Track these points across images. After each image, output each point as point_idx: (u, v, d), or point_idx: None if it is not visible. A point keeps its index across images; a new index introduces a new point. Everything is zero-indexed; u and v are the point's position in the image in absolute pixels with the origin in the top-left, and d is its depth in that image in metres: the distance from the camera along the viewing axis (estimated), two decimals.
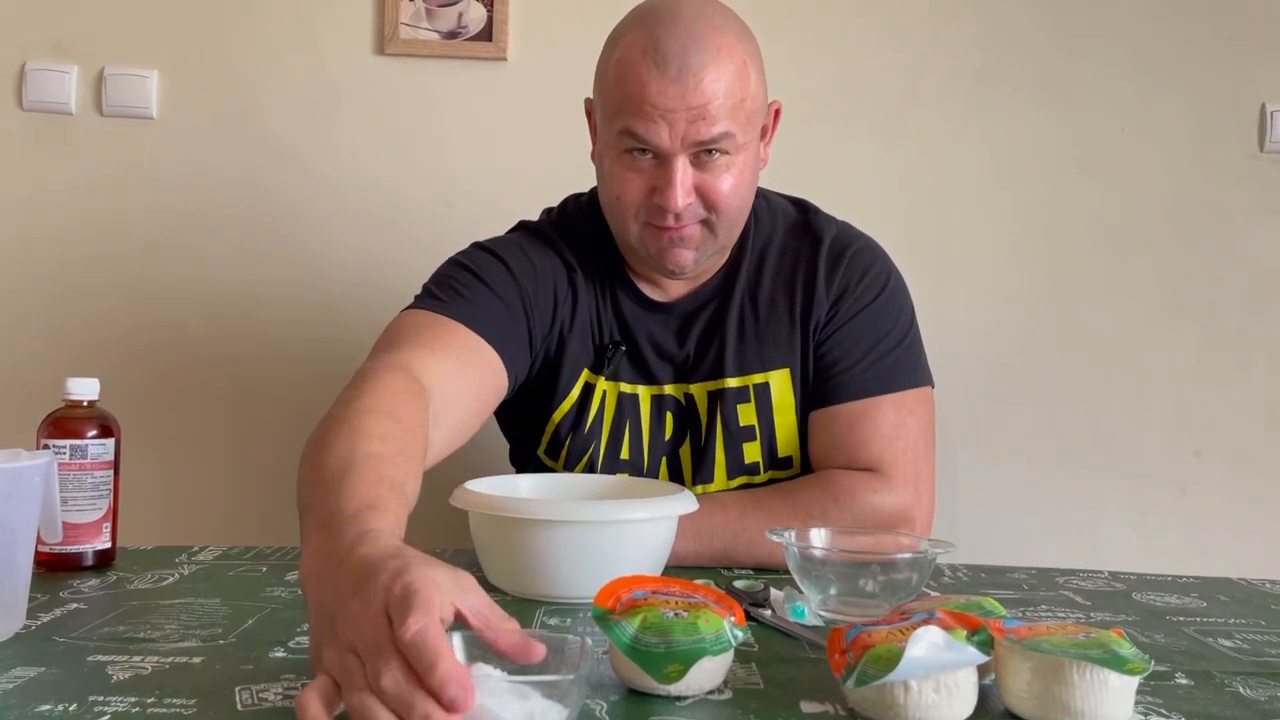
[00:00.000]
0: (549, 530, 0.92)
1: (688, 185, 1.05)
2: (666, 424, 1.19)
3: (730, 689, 0.71)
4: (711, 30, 1.04)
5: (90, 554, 1.02)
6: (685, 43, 1.02)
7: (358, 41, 1.73)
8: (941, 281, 1.73)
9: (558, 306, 1.16)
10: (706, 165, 1.06)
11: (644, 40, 1.04)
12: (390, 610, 0.56)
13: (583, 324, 1.17)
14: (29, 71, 1.71)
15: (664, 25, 1.04)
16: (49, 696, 0.66)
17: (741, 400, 1.16)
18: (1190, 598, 1.05)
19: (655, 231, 1.09)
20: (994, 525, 1.73)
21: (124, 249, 1.73)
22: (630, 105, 1.04)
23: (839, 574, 0.91)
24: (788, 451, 1.18)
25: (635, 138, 1.04)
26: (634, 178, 1.07)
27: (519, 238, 1.20)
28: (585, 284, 1.18)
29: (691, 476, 1.18)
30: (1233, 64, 1.76)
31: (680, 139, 1.03)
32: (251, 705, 0.65)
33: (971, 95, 1.76)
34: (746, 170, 1.09)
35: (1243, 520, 1.75)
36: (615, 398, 1.18)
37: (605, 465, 1.17)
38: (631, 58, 1.04)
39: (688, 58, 1.01)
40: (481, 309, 1.08)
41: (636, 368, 1.18)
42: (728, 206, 1.08)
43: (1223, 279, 1.77)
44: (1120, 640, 0.66)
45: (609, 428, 1.17)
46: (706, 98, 1.02)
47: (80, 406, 1.04)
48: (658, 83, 1.02)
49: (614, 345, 1.16)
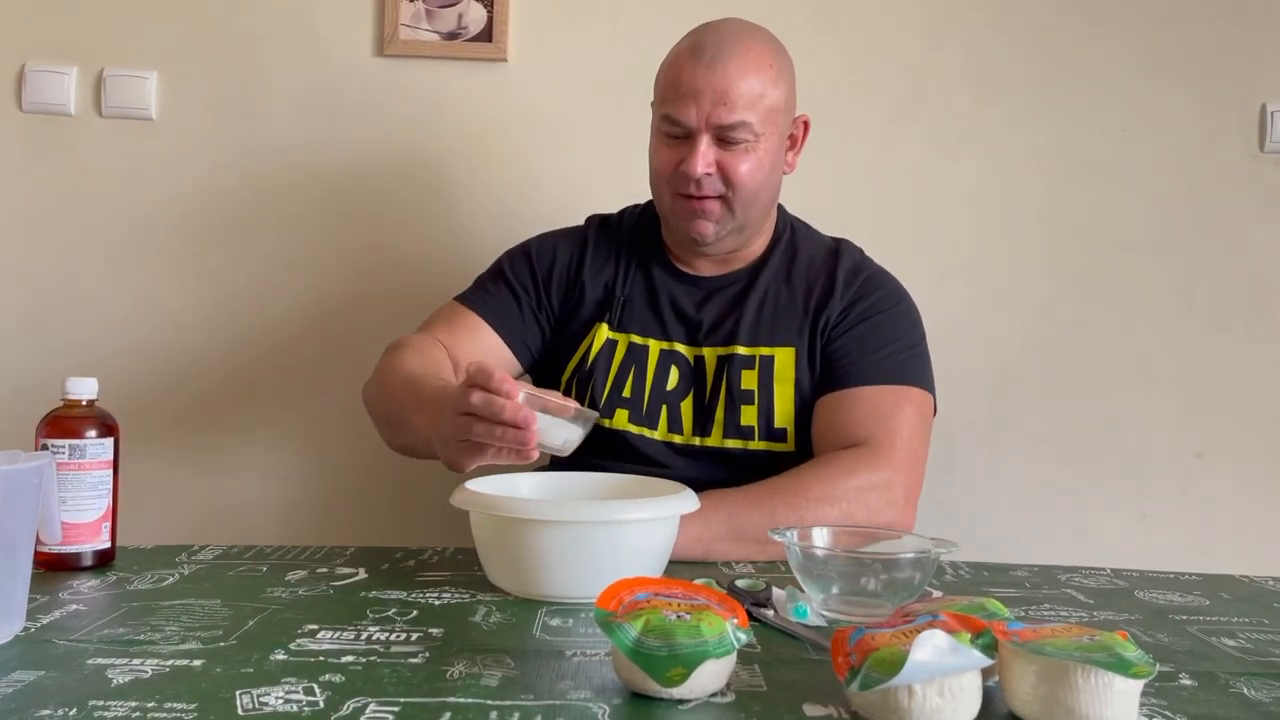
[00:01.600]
0: (550, 530, 0.92)
1: (709, 159, 1.23)
2: (671, 375, 1.31)
3: (733, 691, 0.70)
4: (748, 39, 1.25)
5: (89, 554, 1.02)
6: (722, 40, 1.23)
7: (358, 42, 1.73)
8: (943, 283, 1.73)
9: (571, 283, 1.36)
10: (727, 148, 1.24)
11: (691, 41, 1.26)
12: (474, 379, 0.94)
13: (602, 288, 1.35)
14: (28, 73, 1.71)
15: (710, 31, 1.26)
16: (49, 701, 0.66)
17: (747, 367, 1.29)
18: (1193, 596, 1.05)
19: (683, 201, 1.26)
20: (996, 526, 1.73)
21: (123, 249, 1.73)
22: (669, 91, 1.24)
23: (841, 573, 0.91)
24: (783, 423, 1.28)
25: (670, 120, 1.24)
26: (668, 153, 1.26)
27: (563, 229, 1.43)
28: (611, 255, 1.37)
29: (691, 428, 1.29)
30: (1233, 64, 1.76)
31: (704, 119, 1.22)
32: (253, 709, 0.65)
33: (972, 98, 1.76)
34: (765, 160, 1.25)
35: (1245, 523, 1.75)
36: (625, 346, 1.32)
37: (608, 401, 1.29)
38: (678, 54, 1.26)
39: (720, 51, 1.22)
40: (494, 301, 1.35)
41: (651, 322, 1.33)
42: (743, 185, 1.24)
43: (1224, 279, 1.77)
44: (1125, 643, 0.65)
45: (615, 368, 1.31)
46: (729, 83, 1.21)
47: (79, 406, 1.03)
48: (691, 67, 1.22)
49: (621, 295, 1.34)
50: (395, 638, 0.81)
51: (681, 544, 1.07)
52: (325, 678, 0.71)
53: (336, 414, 1.73)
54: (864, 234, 1.43)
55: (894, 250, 1.44)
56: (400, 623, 0.86)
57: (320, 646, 0.78)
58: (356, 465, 1.73)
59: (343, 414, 1.72)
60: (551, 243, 1.40)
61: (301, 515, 1.75)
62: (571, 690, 0.70)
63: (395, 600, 0.93)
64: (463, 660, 0.76)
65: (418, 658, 0.76)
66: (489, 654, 0.77)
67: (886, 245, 1.44)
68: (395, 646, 0.79)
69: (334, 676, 0.71)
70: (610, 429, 1.28)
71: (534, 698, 0.68)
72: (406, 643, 0.80)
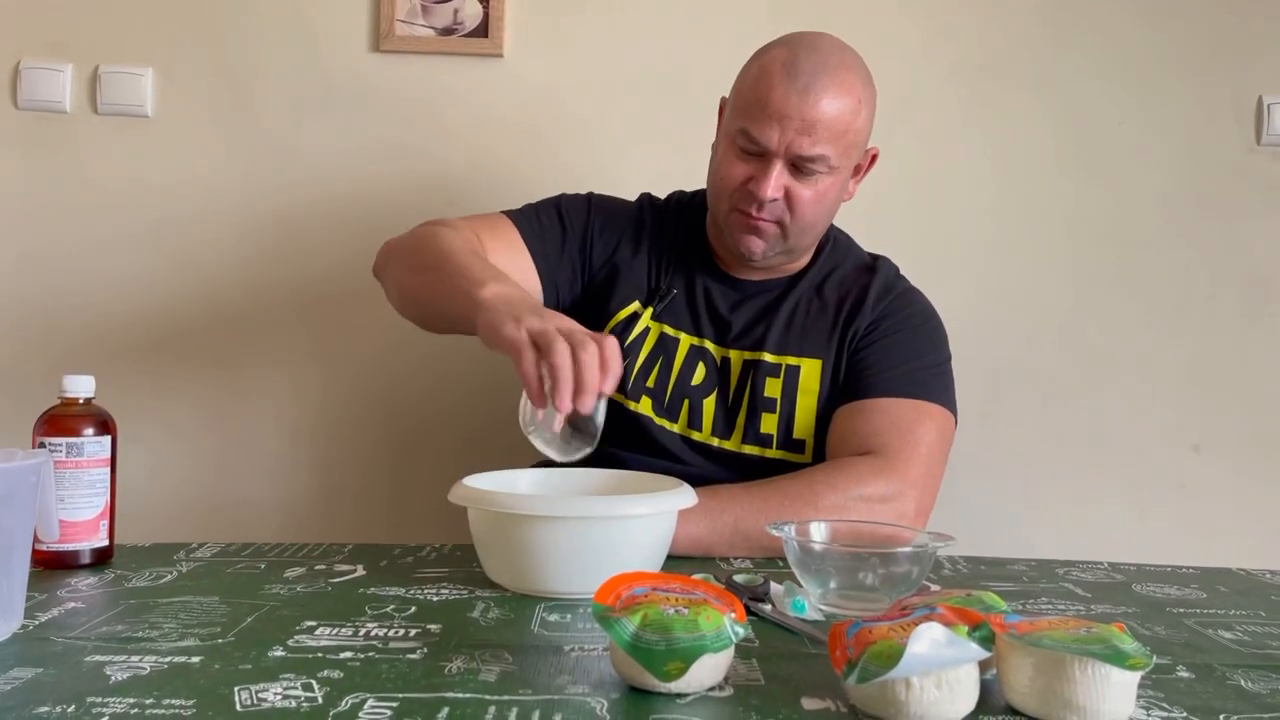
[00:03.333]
0: (547, 526, 0.92)
1: (779, 184, 1.21)
2: (698, 371, 1.30)
3: (731, 685, 0.70)
4: (843, 67, 1.21)
5: (88, 552, 1.02)
6: (818, 66, 1.19)
7: (354, 38, 1.73)
8: (940, 276, 1.72)
9: (619, 245, 1.35)
10: (799, 176, 1.21)
11: (786, 55, 1.20)
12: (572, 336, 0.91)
13: (642, 266, 1.34)
14: (23, 70, 1.70)
15: (806, 49, 1.21)
16: (47, 698, 0.66)
17: (772, 375, 1.28)
18: (1190, 589, 1.05)
19: (740, 216, 1.25)
20: (994, 520, 1.73)
21: (119, 247, 1.73)
22: (755, 107, 1.19)
23: (839, 567, 0.91)
24: (802, 434, 1.27)
25: (749, 138, 1.20)
26: (739, 165, 1.23)
27: (619, 200, 1.42)
28: (659, 245, 1.35)
29: (711, 428, 1.28)
30: (1230, 57, 1.76)
31: (785, 145, 1.19)
32: (251, 706, 0.65)
33: (969, 91, 1.76)
34: (831, 192, 1.24)
35: (1243, 516, 1.75)
36: (658, 334, 1.31)
37: (634, 386, 1.29)
38: (772, 66, 1.20)
39: (816, 77, 1.18)
40: (540, 228, 1.32)
41: (686, 317, 1.32)
42: (803, 215, 1.23)
43: (1221, 272, 1.77)
44: (1122, 635, 0.66)
45: (645, 354, 1.30)
46: (818, 115, 1.18)
47: (76, 404, 1.03)
48: (783, 88, 1.18)
49: (669, 289, 1.32)
50: (393, 634, 0.81)
51: (684, 543, 1.08)
52: (323, 674, 0.71)
53: (334, 411, 1.73)
54: (861, 232, 1.43)
55: (891, 246, 1.44)
56: (398, 619, 0.86)
57: (318, 643, 0.78)
58: (354, 462, 1.73)
59: (340, 411, 1.72)
60: (609, 205, 1.38)
61: (300, 512, 1.75)
62: (570, 685, 0.70)
63: (393, 597, 0.93)
64: (461, 656, 0.76)
65: (416, 654, 0.76)
66: (487, 649, 0.77)
67: (884, 242, 1.45)
68: (393, 643, 0.79)
69: (332, 673, 0.71)
70: (633, 412, 1.28)
71: (532, 693, 0.68)
72: (405, 639, 0.80)
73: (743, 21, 1.70)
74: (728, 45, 1.36)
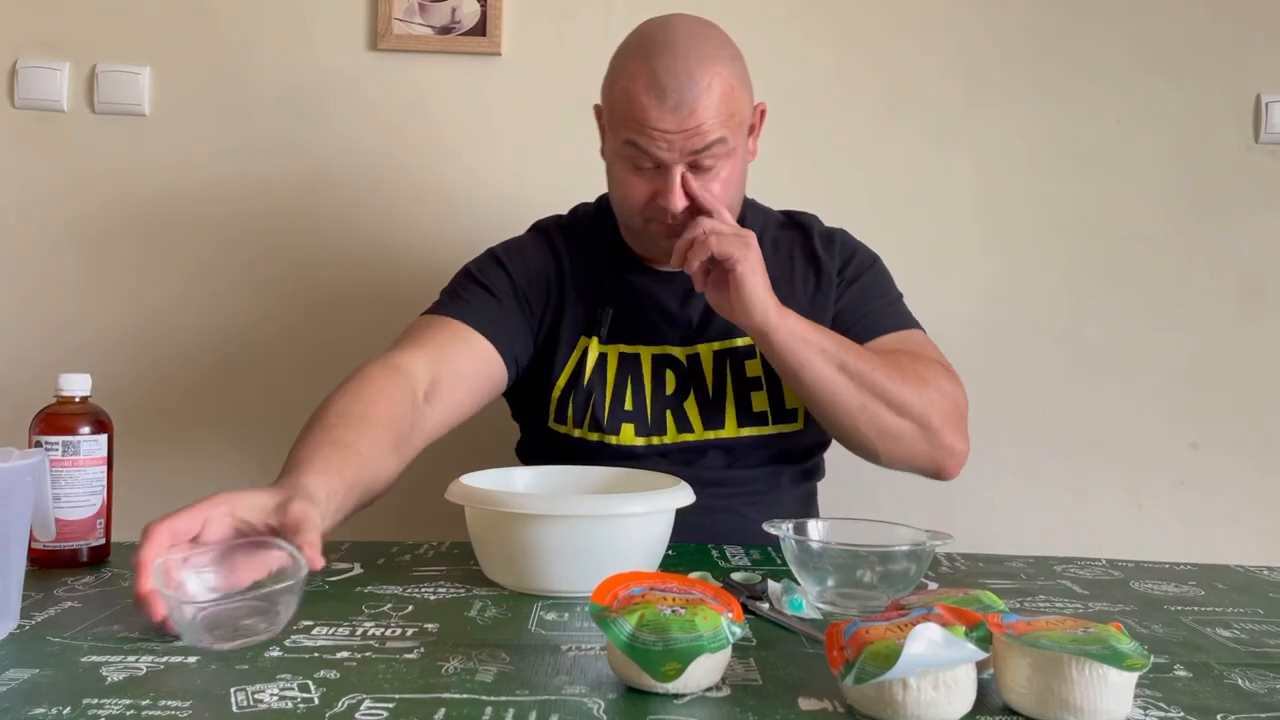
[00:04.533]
0: (545, 525, 0.92)
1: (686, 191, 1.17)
2: (667, 380, 1.28)
3: (728, 686, 0.70)
4: (706, 61, 1.15)
5: (84, 551, 1.02)
6: (681, 78, 1.13)
7: (351, 37, 1.73)
8: (937, 275, 1.73)
9: (549, 290, 1.30)
10: (701, 172, 1.17)
11: (645, 74, 1.15)
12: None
13: (580, 299, 1.29)
14: (20, 69, 1.70)
15: (663, 59, 1.14)
16: (43, 699, 0.65)
17: (749, 356, 1.28)
18: (1188, 586, 1.05)
19: (658, 226, 1.20)
20: (992, 518, 1.73)
21: (116, 245, 1.73)
22: (634, 126, 1.15)
23: (836, 565, 0.91)
24: (793, 404, 1.28)
25: (638, 149, 1.16)
26: (638, 182, 1.19)
27: (522, 237, 1.36)
28: (584, 266, 1.31)
29: (701, 423, 1.27)
30: (1227, 55, 1.76)
31: (678, 153, 1.15)
32: (247, 707, 0.65)
33: (966, 89, 1.76)
34: (736, 171, 1.21)
35: (1241, 513, 1.75)
36: (616, 358, 1.28)
37: (611, 416, 1.26)
38: (635, 89, 1.15)
39: (683, 92, 1.13)
40: (476, 306, 1.25)
41: (639, 330, 1.29)
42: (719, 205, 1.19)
43: (1218, 270, 1.77)
44: (1119, 635, 0.66)
45: (612, 383, 1.27)
46: (699, 119, 1.14)
47: (72, 402, 1.03)
48: (657, 111, 1.13)
49: (602, 310, 1.28)
50: (390, 633, 0.81)
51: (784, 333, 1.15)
52: (320, 674, 0.71)
53: None
54: (859, 228, 1.43)
55: (888, 245, 1.43)
56: (395, 618, 0.86)
57: (315, 642, 0.78)
58: None
59: None
60: (518, 247, 1.33)
61: None
62: (567, 685, 0.70)
63: (391, 595, 0.93)
64: (458, 655, 0.75)
65: (413, 653, 0.76)
66: (484, 649, 0.77)
67: (881, 241, 1.44)
68: (390, 642, 0.79)
69: (329, 673, 0.71)
70: (618, 445, 1.26)
71: (529, 693, 0.68)
72: (402, 638, 0.80)
73: (740, 20, 1.69)
74: None
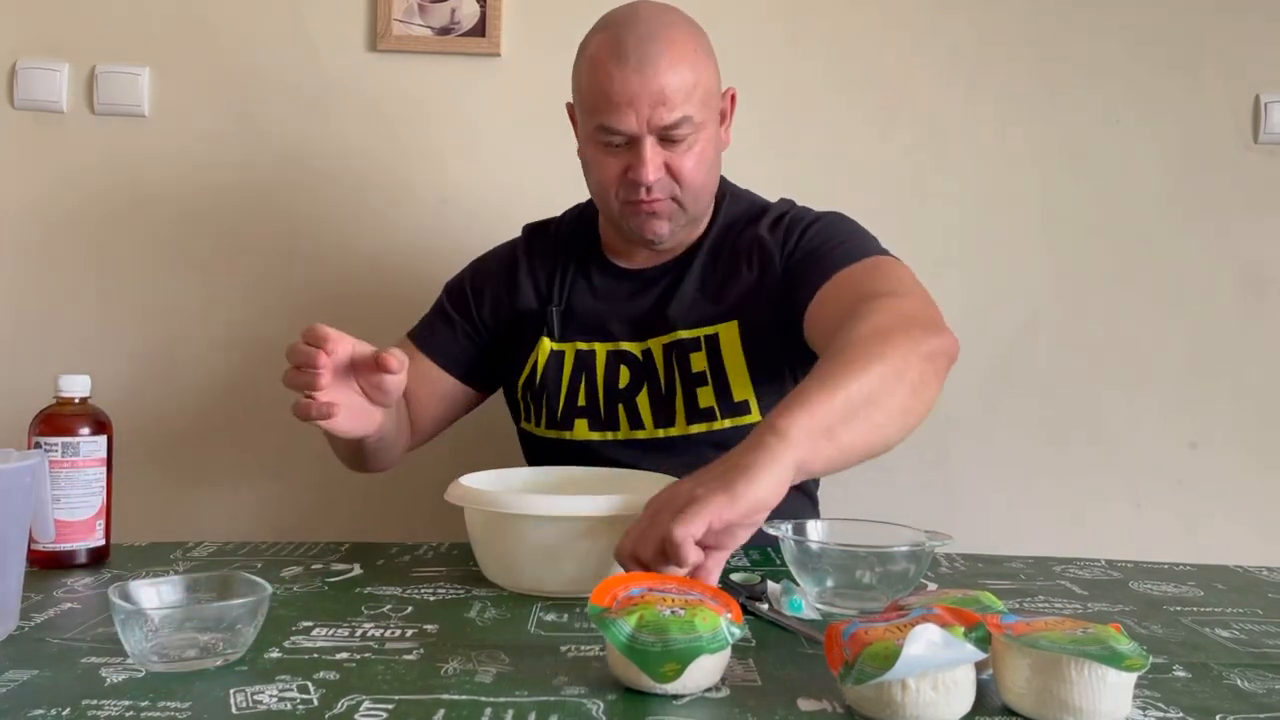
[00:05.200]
0: (544, 526, 0.92)
1: (657, 162, 1.19)
2: (621, 375, 1.29)
3: (728, 686, 0.70)
4: (666, 28, 1.18)
5: (84, 552, 1.02)
6: (643, 39, 1.16)
7: (351, 38, 1.73)
8: (936, 275, 1.71)
9: (505, 300, 1.35)
10: (672, 146, 1.19)
11: (609, 41, 1.18)
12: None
13: (537, 300, 1.34)
14: (19, 70, 1.70)
15: (625, 27, 1.19)
16: (42, 701, 0.65)
17: (694, 349, 1.26)
18: (1187, 586, 1.05)
19: (633, 207, 1.23)
20: (991, 518, 1.73)
21: (116, 246, 1.73)
22: (601, 100, 1.17)
23: (836, 566, 0.91)
24: (742, 396, 1.25)
25: (608, 130, 1.18)
26: (611, 162, 1.22)
27: (498, 247, 1.42)
28: (548, 268, 1.35)
29: (653, 421, 1.27)
30: (1226, 56, 1.76)
31: (646, 122, 1.17)
32: (247, 708, 0.65)
33: (965, 89, 1.76)
34: (708, 149, 1.22)
35: (1239, 512, 1.75)
36: (573, 355, 1.30)
37: (564, 413, 1.29)
38: (600, 57, 1.18)
39: (645, 50, 1.16)
40: (435, 332, 1.36)
41: (592, 326, 1.31)
42: (692, 181, 1.22)
43: (1217, 270, 1.77)
44: (1118, 636, 0.66)
45: (567, 379, 1.30)
46: (663, 83, 1.15)
47: (72, 403, 1.03)
48: (620, 74, 1.16)
49: (552, 309, 1.32)
50: (390, 634, 0.81)
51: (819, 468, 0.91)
52: (319, 675, 0.71)
53: None
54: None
55: (888, 243, 1.43)
56: (395, 619, 0.86)
57: (315, 643, 0.78)
58: None
59: None
60: (483, 263, 1.40)
61: (296, 511, 1.75)
62: (566, 686, 0.70)
63: (390, 596, 0.93)
64: (457, 656, 0.76)
65: (412, 654, 0.76)
66: (484, 650, 0.77)
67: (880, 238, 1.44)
68: (390, 643, 0.79)
69: (328, 674, 0.71)
70: (573, 440, 1.28)
71: (529, 694, 0.68)
72: (401, 639, 0.80)
73: (740, 20, 1.69)
74: (725, 44, 1.35)
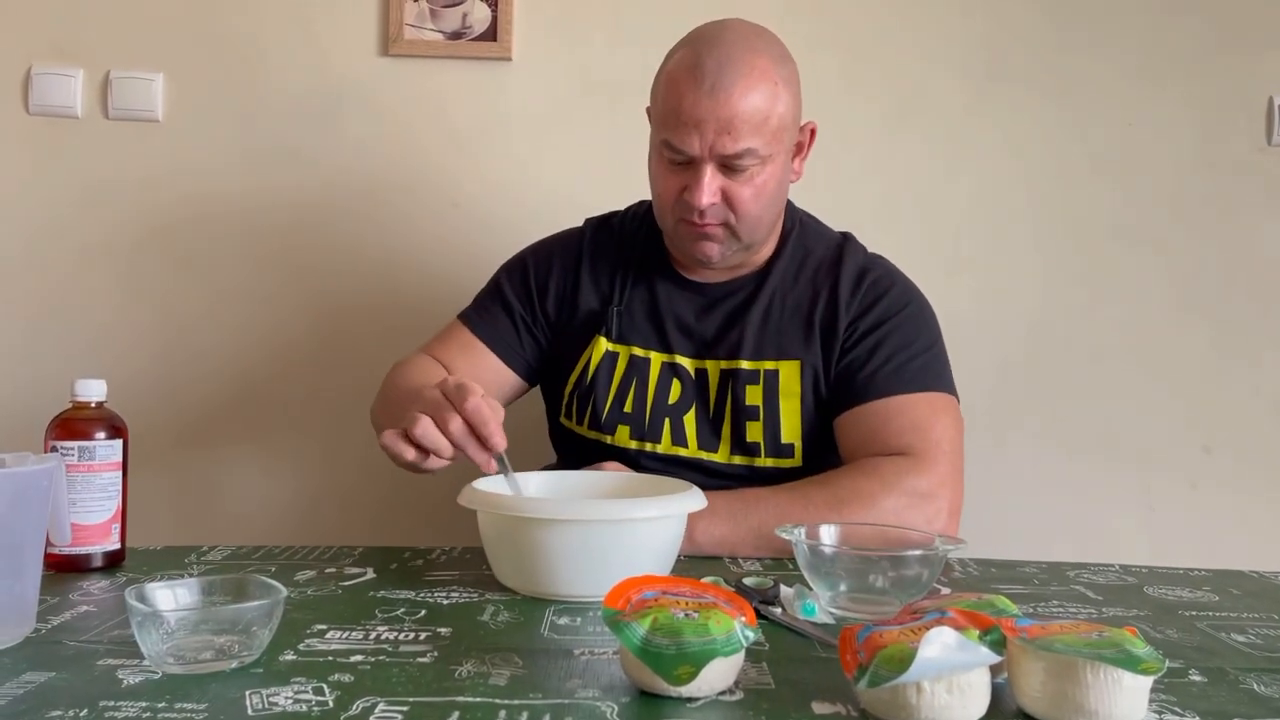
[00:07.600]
0: (557, 529, 0.92)
1: (713, 188, 1.18)
2: (673, 389, 1.28)
3: (741, 689, 0.70)
4: (748, 53, 1.16)
5: (99, 555, 1.02)
6: (723, 63, 1.15)
7: (362, 43, 1.74)
8: (950, 278, 1.73)
9: (566, 293, 1.34)
10: (732, 174, 1.18)
11: (690, 58, 1.17)
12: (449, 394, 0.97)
13: (599, 298, 1.32)
14: (34, 75, 1.71)
15: (708, 46, 1.17)
16: (60, 702, 0.66)
17: (751, 382, 1.25)
18: (1203, 591, 1.04)
19: (687, 225, 1.22)
20: (1004, 521, 1.72)
21: (130, 251, 1.74)
22: (670, 117, 1.17)
23: (849, 570, 0.91)
24: (790, 439, 1.25)
25: (672, 148, 1.18)
26: (671, 178, 1.21)
27: (557, 235, 1.41)
28: (610, 266, 1.34)
29: (697, 441, 1.26)
30: (1239, 58, 1.76)
31: (709, 148, 1.16)
32: (263, 710, 0.65)
33: (977, 92, 1.76)
34: (770, 181, 1.20)
35: (1254, 516, 1.74)
36: (626, 359, 1.29)
37: (609, 417, 1.28)
38: (677, 74, 1.17)
39: (722, 75, 1.14)
40: (489, 319, 1.35)
41: (652, 334, 1.30)
42: (747, 213, 1.20)
43: (1231, 273, 1.76)
44: (1134, 639, 0.65)
45: (617, 382, 1.28)
46: (733, 112, 1.14)
47: (88, 408, 1.04)
48: (693, 95, 1.14)
49: (613, 309, 1.31)
50: (404, 637, 0.81)
51: (706, 542, 1.10)
52: (334, 677, 0.71)
53: (342, 413, 1.73)
54: (867, 231, 1.42)
55: (898, 247, 1.43)
56: (409, 622, 0.86)
57: (329, 646, 0.78)
58: (364, 465, 1.73)
59: (349, 413, 1.72)
60: (547, 253, 1.37)
61: (310, 515, 1.76)
62: (580, 689, 0.70)
63: (404, 600, 0.93)
64: (471, 659, 0.76)
65: (426, 657, 0.76)
66: (497, 653, 0.77)
67: (890, 243, 1.44)
68: (404, 646, 0.79)
69: (343, 676, 0.71)
70: (612, 445, 1.27)
71: (542, 696, 0.68)
72: (415, 642, 0.80)
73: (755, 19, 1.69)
74: None
